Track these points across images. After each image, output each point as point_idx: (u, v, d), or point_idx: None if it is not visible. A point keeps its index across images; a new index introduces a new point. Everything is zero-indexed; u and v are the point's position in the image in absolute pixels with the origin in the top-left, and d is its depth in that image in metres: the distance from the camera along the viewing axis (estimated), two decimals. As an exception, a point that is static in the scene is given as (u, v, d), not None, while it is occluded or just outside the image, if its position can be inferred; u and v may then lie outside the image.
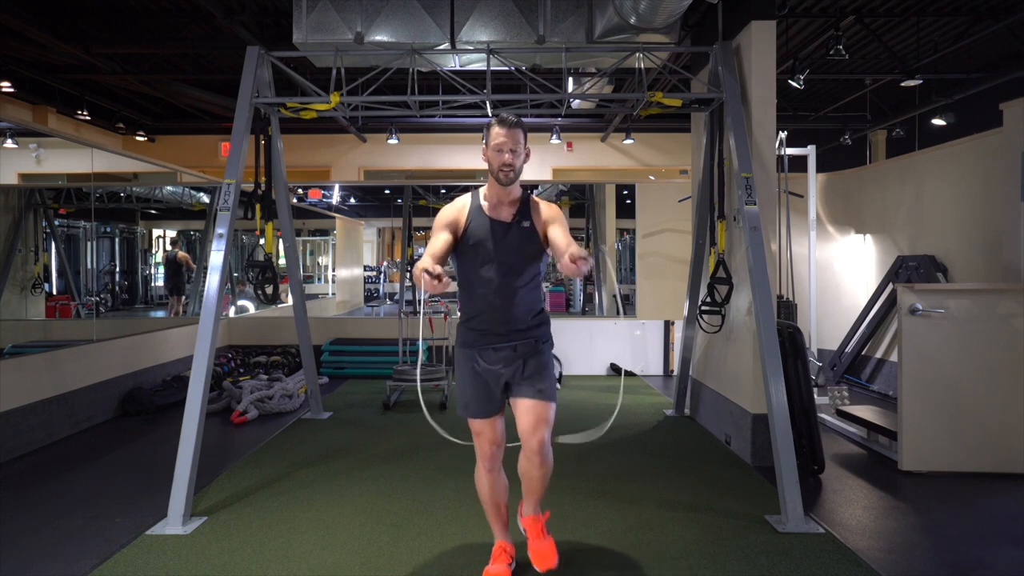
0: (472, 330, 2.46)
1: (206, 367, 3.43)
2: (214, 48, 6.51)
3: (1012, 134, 4.42)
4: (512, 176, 2.32)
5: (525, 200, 2.43)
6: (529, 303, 2.44)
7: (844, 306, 6.77)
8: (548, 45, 4.44)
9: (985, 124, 5.11)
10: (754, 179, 3.83)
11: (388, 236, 17.49)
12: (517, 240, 2.37)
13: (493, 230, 2.37)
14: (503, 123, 2.30)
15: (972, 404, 3.83)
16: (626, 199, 9.02)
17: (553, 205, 2.48)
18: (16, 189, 7.41)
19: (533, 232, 2.39)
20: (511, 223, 2.38)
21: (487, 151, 2.34)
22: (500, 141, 2.29)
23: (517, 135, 2.30)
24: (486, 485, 2.56)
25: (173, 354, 6.16)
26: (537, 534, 2.55)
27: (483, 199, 2.43)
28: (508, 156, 2.29)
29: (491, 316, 2.41)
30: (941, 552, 2.88)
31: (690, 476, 3.84)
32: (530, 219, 2.40)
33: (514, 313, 2.40)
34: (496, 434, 2.50)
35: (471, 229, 2.38)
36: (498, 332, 2.41)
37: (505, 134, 2.29)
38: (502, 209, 2.40)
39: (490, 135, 2.32)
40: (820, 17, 6.05)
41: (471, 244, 2.38)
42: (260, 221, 4.53)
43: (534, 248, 2.39)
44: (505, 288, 2.38)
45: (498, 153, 2.30)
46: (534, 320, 2.46)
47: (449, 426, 2.65)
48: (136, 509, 3.32)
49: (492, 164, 2.33)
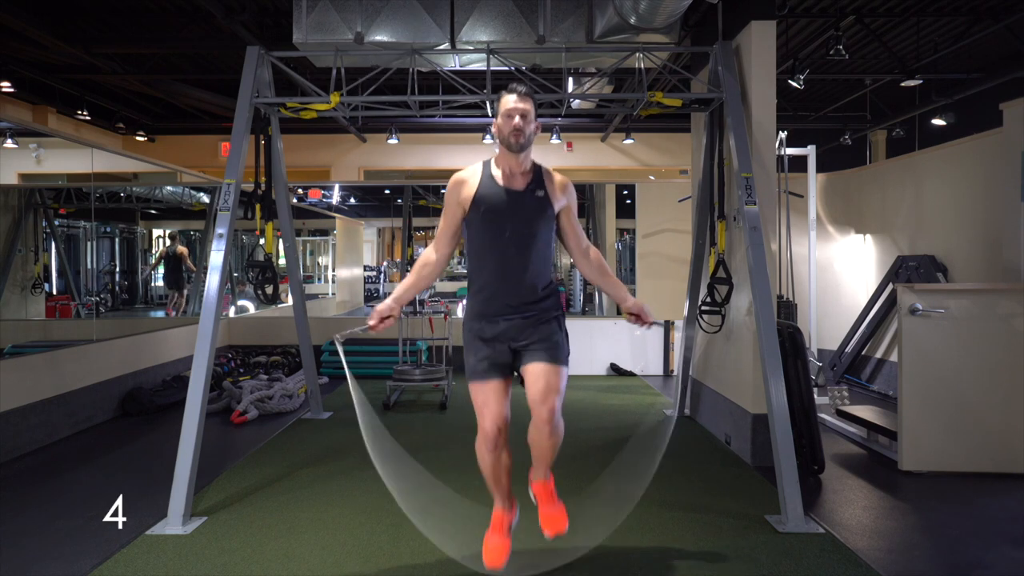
0: (482, 300, 2.44)
1: (206, 367, 3.43)
2: (214, 48, 6.51)
3: (1012, 134, 4.42)
4: (522, 142, 2.34)
5: (537, 170, 2.45)
6: (540, 273, 2.43)
7: (844, 306, 6.77)
8: (548, 45, 4.44)
9: (985, 124, 5.11)
10: (754, 179, 3.83)
11: (388, 236, 17.49)
12: (531, 209, 2.39)
13: (506, 199, 2.38)
14: (514, 91, 2.37)
15: (972, 404, 3.83)
16: (626, 199, 9.02)
17: (567, 180, 2.51)
18: (16, 189, 7.41)
19: (546, 201, 2.41)
20: (524, 191, 2.39)
21: (497, 121, 2.38)
22: (511, 107, 2.35)
23: (528, 103, 2.36)
24: (487, 458, 2.47)
25: (173, 354, 6.16)
26: (547, 499, 2.51)
27: (494, 169, 2.43)
28: (519, 120, 2.33)
29: (502, 286, 2.39)
30: (941, 552, 2.88)
31: (690, 476, 3.84)
32: (544, 188, 2.42)
33: (525, 283, 2.39)
34: (500, 409, 2.42)
35: (482, 197, 2.38)
36: (508, 303, 2.39)
37: (516, 100, 2.35)
38: (515, 179, 2.40)
39: (501, 103, 2.38)
40: (820, 17, 6.05)
41: (482, 212, 2.38)
42: (260, 221, 4.53)
43: (547, 217, 2.41)
44: (517, 257, 2.38)
45: (508, 119, 2.34)
46: (544, 291, 2.44)
47: (449, 427, 2.64)
48: (136, 509, 3.31)
49: (503, 131, 2.36)
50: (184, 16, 6.08)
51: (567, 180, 2.51)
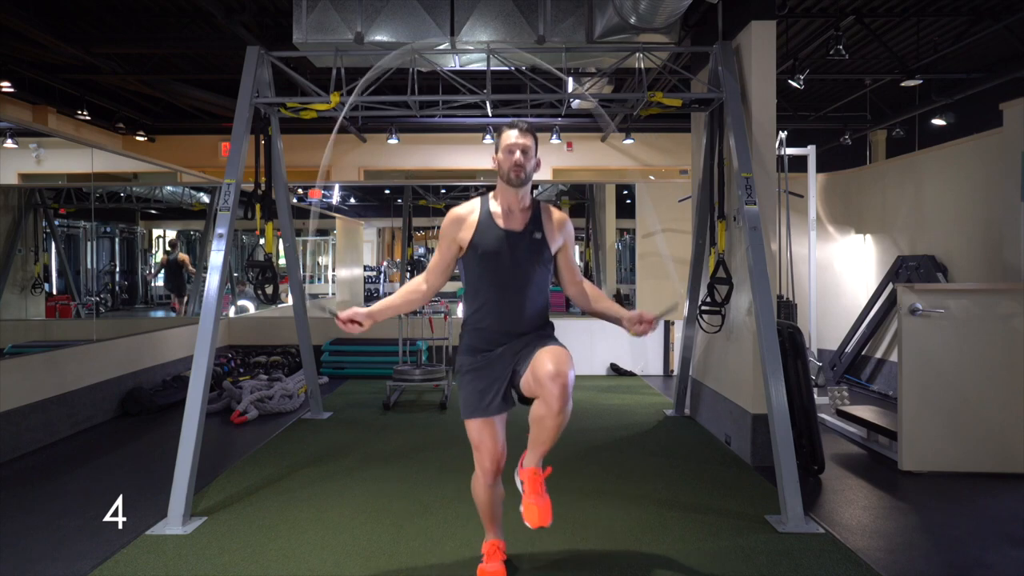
0: (476, 333, 2.43)
1: (206, 367, 3.43)
2: (214, 48, 6.51)
3: (1012, 134, 4.42)
4: (523, 177, 2.33)
5: (536, 208, 2.44)
6: (536, 309, 2.43)
7: (844, 306, 6.77)
8: (548, 45, 4.44)
9: (985, 124, 5.11)
10: (754, 179, 3.83)
11: (388, 236, 17.47)
12: (528, 252, 2.38)
13: (504, 241, 2.36)
14: (515, 127, 2.37)
15: (972, 404, 3.83)
16: (626, 199, 9.02)
17: (565, 216, 2.50)
18: (16, 189, 7.41)
19: (543, 244, 2.41)
20: (522, 233, 2.38)
21: (498, 156, 2.37)
22: (511, 143, 2.34)
23: (529, 139, 2.36)
24: (483, 495, 2.53)
25: (173, 354, 6.16)
26: (535, 488, 2.38)
27: (493, 206, 2.42)
28: (519, 156, 2.33)
29: (498, 324, 2.39)
30: (941, 552, 2.88)
31: (690, 476, 3.84)
32: (542, 230, 2.41)
33: (522, 319, 2.40)
34: (497, 448, 2.43)
35: (480, 239, 2.37)
36: (503, 335, 2.40)
37: (517, 136, 2.35)
38: (513, 218, 2.39)
39: (501, 139, 2.37)
40: (820, 17, 6.05)
41: (480, 254, 2.37)
42: (260, 221, 4.53)
43: (544, 259, 2.41)
44: (515, 296, 2.38)
45: (509, 155, 2.33)
46: (539, 321, 2.46)
47: (449, 427, 2.64)
48: (136, 509, 3.31)
49: (503, 166, 2.35)
50: (184, 16, 6.08)
51: (565, 217, 2.50)
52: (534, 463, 2.40)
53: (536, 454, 2.38)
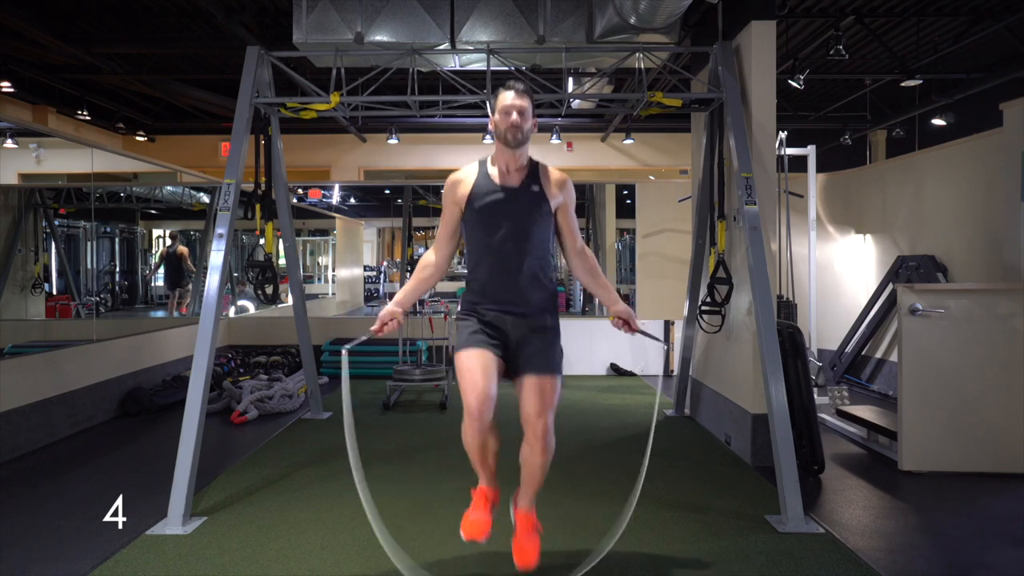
0: (479, 296, 2.44)
1: (206, 367, 3.43)
2: (214, 48, 6.51)
3: (1012, 134, 4.42)
4: (520, 138, 2.34)
5: (534, 165, 2.46)
6: (537, 269, 2.42)
7: (844, 306, 6.77)
8: (548, 45, 4.44)
9: (985, 124, 5.11)
10: (754, 179, 3.83)
11: (388, 236, 17.47)
12: (526, 205, 2.39)
13: (502, 195, 2.39)
14: (511, 88, 2.37)
15: (972, 404, 3.83)
16: (626, 199, 9.02)
17: (565, 176, 2.50)
18: (16, 189, 7.41)
19: (542, 196, 2.41)
20: (519, 188, 2.40)
21: (495, 117, 2.39)
22: (508, 103, 2.35)
23: (525, 99, 2.36)
24: (472, 441, 2.42)
25: (173, 354, 6.16)
26: (526, 530, 2.48)
27: (490, 167, 2.44)
28: (516, 117, 2.34)
29: (498, 282, 2.40)
30: (941, 552, 2.88)
31: (690, 476, 3.84)
32: (539, 184, 2.42)
33: (522, 279, 2.39)
34: (486, 385, 2.31)
35: (478, 195, 2.40)
36: (506, 299, 2.40)
37: (514, 97, 2.36)
38: (511, 176, 2.41)
39: (498, 99, 2.38)
40: (820, 17, 6.05)
41: (477, 209, 2.39)
42: (260, 221, 4.53)
43: (543, 213, 2.41)
44: (514, 253, 2.38)
45: (506, 115, 2.35)
46: (540, 288, 2.44)
47: (449, 427, 2.65)
48: (136, 509, 3.31)
49: (500, 127, 2.36)
50: (184, 16, 6.08)
51: (566, 177, 2.50)
52: (527, 504, 2.51)
53: (528, 494, 2.50)
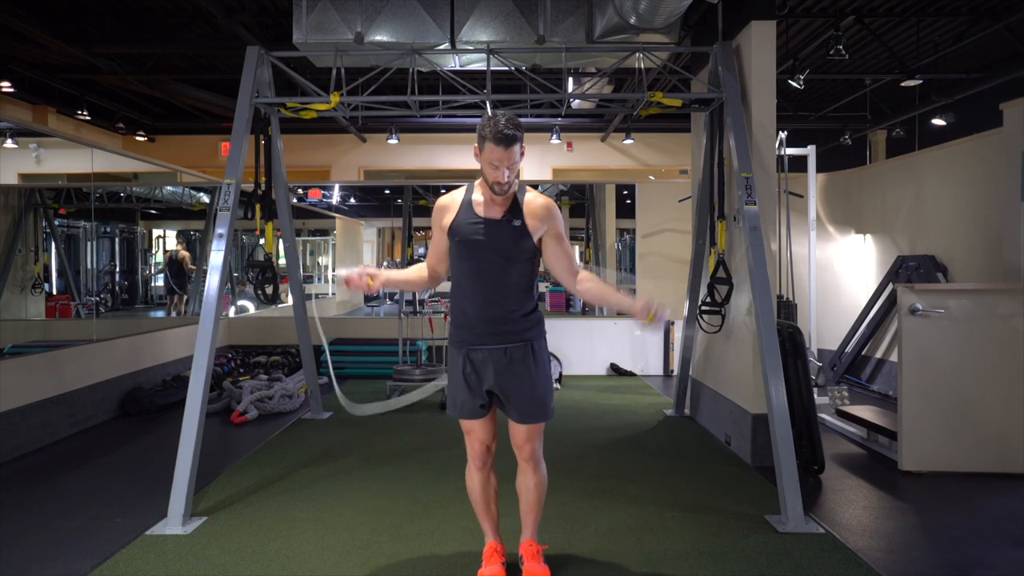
0: (462, 327, 2.44)
1: (206, 367, 3.43)
2: (214, 48, 6.51)
3: (1012, 134, 4.42)
4: (506, 190, 2.29)
5: (516, 201, 2.38)
6: (520, 301, 2.40)
7: (844, 306, 6.77)
8: (548, 45, 4.44)
9: (985, 124, 5.11)
10: (754, 179, 3.82)
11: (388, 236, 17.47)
12: (506, 237, 2.34)
13: (482, 228, 2.34)
14: (501, 140, 2.20)
15: (972, 404, 3.83)
16: (626, 199, 9.02)
17: (548, 203, 2.41)
18: (16, 189, 7.41)
19: (523, 231, 2.35)
20: (500, 221, 2.35)
21: (481, 157, 2.28)
22: (496, 156, 2.22)
23: (513, 153, 2.22)
24: (477, 484, 2.57)
25: (173, 354, 6.16)
26: (532, 557, 2.56)
27: (475, 194, 2.40)
28: (506, 174, 2.25)
29: (480, 313, 2.38)
30: (941, 552, 2.88)
31: (690, 476, 3.84)
32: (521, 218, 2.36)
33: (504, 311, 2.37)
34: (486, 433, 2.51)
35: (459, 226, 2.36)
36: (488, 331, 2.38)
37: (502, 153, 2.21)
38: (493, 206, 2.37)
39: (486, 148, 2.23)
40: (820, 17, 6.05)
41: (458, 241, 2.37)
42: (260, 221, 4.53)
43: (525, 245, 2.36)
44: (494, 286, 2.36)
45: (494, 169, 2.25)
46: (525, 321, 2.41)
47: (449, 427, 2.65)
48: (136, 509, 3.31)
49: (487, 176, 2.29)
50: (184, 16, 6.08)
51: (549, 203, 2.41)
52: (529, 534, 2.59)
53: (529, 524, 2.58)
